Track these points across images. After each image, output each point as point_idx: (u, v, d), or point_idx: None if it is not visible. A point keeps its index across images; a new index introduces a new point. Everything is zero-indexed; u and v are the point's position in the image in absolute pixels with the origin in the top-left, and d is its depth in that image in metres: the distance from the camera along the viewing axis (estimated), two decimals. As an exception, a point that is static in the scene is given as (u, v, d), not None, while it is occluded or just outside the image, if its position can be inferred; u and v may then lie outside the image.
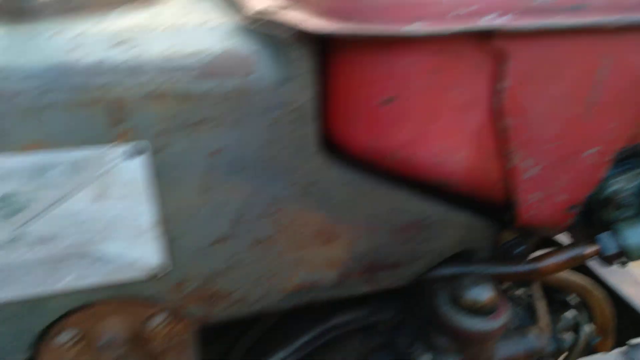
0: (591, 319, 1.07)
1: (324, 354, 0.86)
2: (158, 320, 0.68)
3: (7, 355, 0.64)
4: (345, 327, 0.84)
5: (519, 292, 0.95)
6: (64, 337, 0.66)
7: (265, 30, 0.60)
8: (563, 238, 1.12)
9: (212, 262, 0.67)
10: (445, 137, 0.66)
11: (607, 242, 0.79)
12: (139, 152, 0.58)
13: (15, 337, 0.64)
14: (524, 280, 0.93)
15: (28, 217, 0.57)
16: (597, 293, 1.06)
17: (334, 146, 0.68)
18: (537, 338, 0.86)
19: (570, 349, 1.01)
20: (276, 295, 0.73)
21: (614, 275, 1.20)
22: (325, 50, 0.62)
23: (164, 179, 0.61)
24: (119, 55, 0.57)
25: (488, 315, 0.74)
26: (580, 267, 1.16)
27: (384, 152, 0.66)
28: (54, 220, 0.58)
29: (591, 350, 1.06)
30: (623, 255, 0.80)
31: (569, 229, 0.84)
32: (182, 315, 0.69)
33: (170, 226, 0.63)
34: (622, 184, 0.77)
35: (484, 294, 0.74)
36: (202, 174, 0.62)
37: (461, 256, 0.80)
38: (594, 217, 0.81)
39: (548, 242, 1.13)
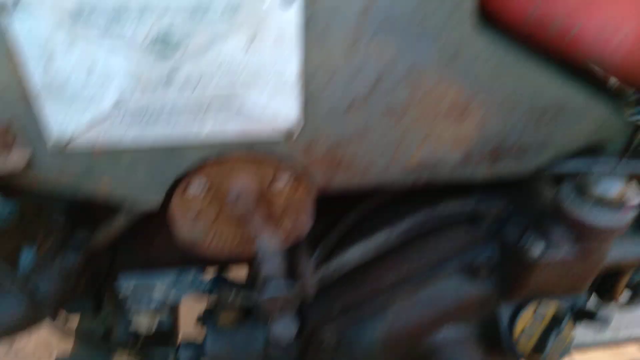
0: None
1: (428, 241, 0.87)
2: (283, 180, 0.69)
3: (142, 195, 0.68)
4: (450, 215, 0.84)
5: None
6: (196, 186, 0.69)
7: None
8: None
9: (343, 127, 0.67)
10: (614, 5, 0.59)
11: None
12: (293, 1, 0.56)
13: (153, 180, 0.67)
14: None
15: (181, 57, 0.57)
16: None
17: (488, 15, 0.63)
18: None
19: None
20: (398, 169, 0.72)
21: None
22: None
23: (313, 32, 0.58)
24: None
25: (615, 211, 0.72)
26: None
27: (543, 21, 0.61)
28: (205, 63, 0.58)
29: None
30: None
31: None
32: (305, 179, 0.70)
33: (311, 82, 0.62)
34: None
35: (613, 188, 0.71)
36: (350, 30, 0.59)
37: (589, 152, 0.76)
38: None
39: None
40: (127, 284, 0.92)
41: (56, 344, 2.22)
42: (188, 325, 1.23)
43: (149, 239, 0.97)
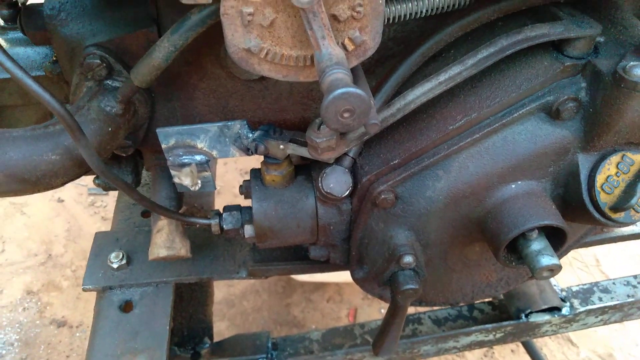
0: None
1: (504, 75, 0.77)
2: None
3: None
4: (535, 39, 0.72)
5: None
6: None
7: None
8: None
9: None
10: None
11: None
12: None
13: None
14: None
15: None
16: None
17: None
18: None
19: None
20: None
21: None
22: None
23: None
24: None
25: None
26: None
27: None
28: None
29: None
30: None
31: None
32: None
33: None
34: None
35: None
36: None
37: None
38: None
39: None
40: (168, 139, 0.85)
41: (92, 254, 2.25)
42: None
43: (189, 93, 0.90)
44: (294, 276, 2.17)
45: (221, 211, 0.95)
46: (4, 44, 0.92)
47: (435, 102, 0.80)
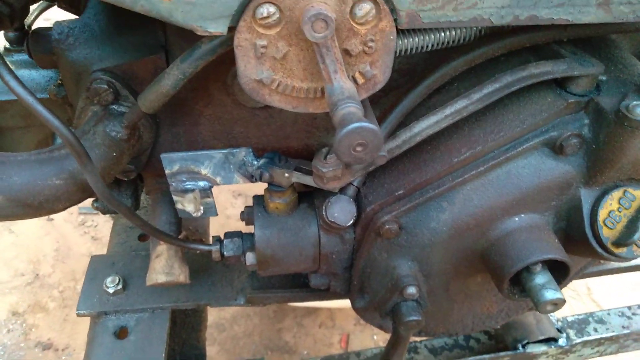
0: None
1: (508, 110, 0.78)
2: (366, 8, 0.60)
3: (207, 22, 0.59)
4: (540, 75, 0.74)
5: None
6: (265, 12, 0.59)
7: None
8: None
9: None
10: None
11: None
12: None
13: (220, 4, 0.58)
14: None
15: None
16: None
17: None
18: None
19: None
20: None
21: None
22: None
23: None
24: None
25: None
26: None
27: None
28: None
29: None
30: None
31: None
32: (389, 8, 0.61)
33: None
34: None
35: None
36: None
37: None
38: None
39: None
40: (172, 165, 0.85)
41: (81, 274, 2.21)
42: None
43: (195, 119, 0.90)
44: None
45: (222, 237, 0.94)
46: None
47: (439, 134, 0.81)
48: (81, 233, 2.40)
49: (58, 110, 0.93)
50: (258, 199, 0.91)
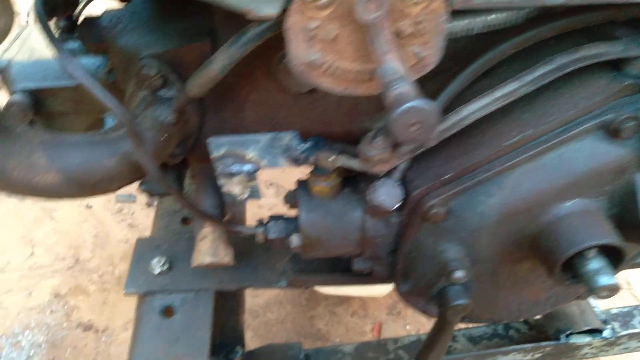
0: None
1: (562, 92, 0.76)
2: (418, -11, 0.59)
3: (260, 4, 0.60)
4: (594, 57, 0.72)
5: None
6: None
7: None
8: None
9: None
10: None
11: None
12: None
13: None
14: None
15: None
16: None
17: None
18: None
19: None
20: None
21: None
22: None
23: None
24: None
25: None
26: None
27: None
28: None
29: None
30: None
31: None
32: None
33: None
34: None
35: None
36: None
37: None
38: None
39: None
40: (218, 149, 0.86)
41: (119, 259, 2.27)
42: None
43: (240, 105, 0.91)
44: (318, 288, 2.16)
45: (265, 220, 0.95)
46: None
47: (487, 118, 0.79)
48: (118, 220, 2.46)
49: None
50: (302, 183, 0.91)
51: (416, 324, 2.20)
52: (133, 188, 2.82)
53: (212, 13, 0.81)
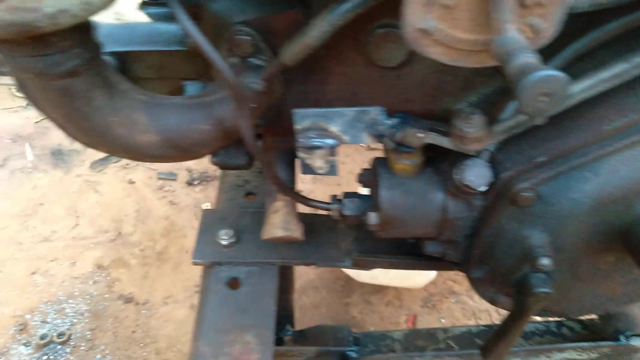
0: None
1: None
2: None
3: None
4: None
5: None
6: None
7: None
8: None
9: None
10: None
11: None
12: None
13: None
14: None
15: None
16: None
17: None
18: None
19: None
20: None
21: None
22: None
23: None
24: None
25: None
26: None
27: None
28: None
29: None
30: None
31: None
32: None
33: None
34: None
35: None
36: None
37: None
38: None
39: None
40: (303, 120, 0.86)
41: (159, 235, 2.31)
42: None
43: (324, 78, 0.90)
44: (354, 276, 2.15)
45: (340, 197, 0.94)
46: (147, 18, 0.95)
47: (585, 101, 0.77)
48: (159, 197, 2.50)
49: (191, 62, 0.96)
50: (381, 160, 0.90)
51: (451, 318, 2.18)
52: (174, 167, 2.85)
53: None
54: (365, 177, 0.94)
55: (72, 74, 0.61)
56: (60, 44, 0.58)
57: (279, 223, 0.96)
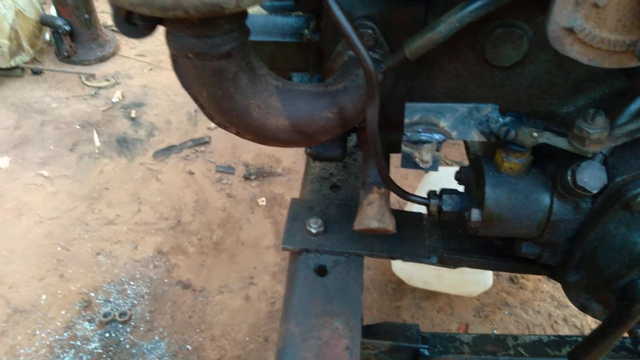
0: None
1: None
2: None
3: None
4: None
5: None
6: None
7: None
8: None
9: None
10: None
11: None
12: None
13: None
14: None
15: None
16: None
17: None
18: None
19: None
20: None
21: None
22: None
23: None
24: None
25: None
26: None
27: None
28: None
29: None
30: None
31: None
32: None
33: None
34: None
35: None
36: None
37: None
38: None
39: None
40: (413, 114, 0.88)
41: (216, 226, 2.36)
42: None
43: (434, 74, 0.92)
44: (405, 280, 2.15)
45: (438, 193, 0.96)
46: (263, 11, 0.99)
47: None
48: (217, 189, 2.56)
49: (301, 54, 1.00)
50: (486, 158, 0.91)
51: (504, 330, 2.15)
52: (232, 160, 2.91)
53: None
54: (464, 174, 0.96)
55: (227, 55, 0.65)
56: (224, 27, 0.62)
57: (374, 215, 0.99)
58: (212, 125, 2.85)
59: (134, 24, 0.59)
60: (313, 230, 1.09)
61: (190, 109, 2.95)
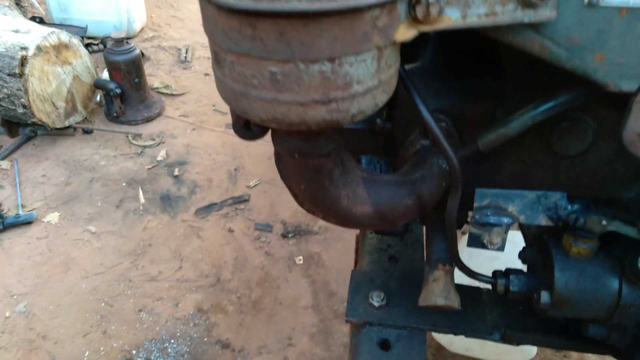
0: None
1: None
2: None
3: (623, 80, 0.67)
4: None
5: None
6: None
7: None
8: None
9: None
10: None
11: None
12: None
13: None
14: None
15: None
16: None
17: None
18: None
19: None
20: None
21: None
22: None
23: None
24: None
25: None
26: None
27: None
28: None
29: None
30: None
31: None
32: None
33: None
34: None
35: None
36: None
37: None
38: None
39: None
40: (482, 199, 0.93)
41: (255, 284, 2.39)
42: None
43: (500, 161, 0.98)
44: (446, 345, 2.12)
45: (503, 273, 0.99)
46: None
47: None
48: (256, 247, 2.61)
49: (369, 140, 1.07)
50: (554, 241, 0.95)
51: (549, 403, 2.09)
52: (270, 218, 2.96)
53: (504, 77, 0.90)
54: (529, 255, 0.99)
55: (326, 155, 0.72)
56: (328, 132, 0.69)
57: (439, 292, 1.02)
58: (252, 183, 2.94)
59: (250, 129, 0.67)
60: (376, 304, 1.12)
61: (230, 167, 3.06)
